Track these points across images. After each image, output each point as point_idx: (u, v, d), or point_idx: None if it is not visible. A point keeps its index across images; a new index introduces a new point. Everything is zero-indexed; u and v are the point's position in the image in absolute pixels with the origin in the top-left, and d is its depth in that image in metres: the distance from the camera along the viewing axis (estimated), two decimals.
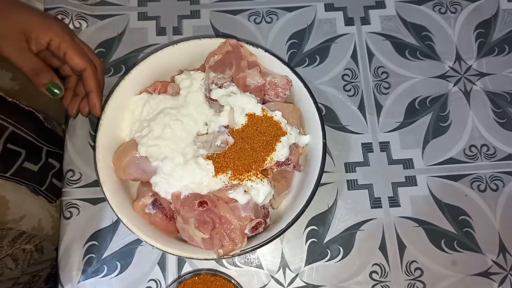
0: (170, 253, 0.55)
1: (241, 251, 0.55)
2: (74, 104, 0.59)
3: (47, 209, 0.73)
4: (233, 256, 0.55)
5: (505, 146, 0.71)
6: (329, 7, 0.78)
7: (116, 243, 0.64)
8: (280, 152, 0.57)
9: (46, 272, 0.77)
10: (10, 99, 0.65)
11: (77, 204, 0.66)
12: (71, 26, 0.73)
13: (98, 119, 0.59)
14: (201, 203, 0.54)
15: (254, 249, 0.55)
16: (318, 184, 0.56)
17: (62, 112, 0.73)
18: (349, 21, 0.77)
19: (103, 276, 0.63)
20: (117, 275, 0.63)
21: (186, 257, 0.56)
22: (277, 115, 0.59)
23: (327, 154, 0.68)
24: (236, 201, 0.55)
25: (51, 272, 0.78)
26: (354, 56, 0.75)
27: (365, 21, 0.78)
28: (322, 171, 0.57)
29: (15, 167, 0.65)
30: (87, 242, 0.64)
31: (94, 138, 0.63)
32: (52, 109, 0.76)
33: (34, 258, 0.73)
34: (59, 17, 0.72)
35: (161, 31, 0.75)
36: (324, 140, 0.58)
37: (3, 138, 0.62)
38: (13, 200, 0.66)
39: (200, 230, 0.54)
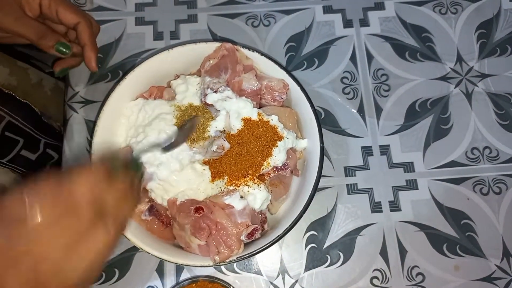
0: (166, 260, 0.54)
1: (237, 257, 0.54)
2: (65, 61, 0.58)
3: None
4: (229, 262, 0.54)
5: (508, 148, 0.70)
6: (327, 10, 0.77)
7: None
8: (277, 157, 0.57)
9: None
10: (6, 91, 0.65)
11: None
12: None
13: (94, 124, 0.58)
14: (197, 209, 0.54)
15: (251, 255, 0.54)
16: (315, 189, 0.56)
17: (60, 113, 0.73)
18: (348, 23, 0.77)
19: (101, 283, 0.63)
20: (115, 282, 0.63)
21: (182, 264, 0.55)
22: (274, 120, 0.58)
23: (326, 158, 0.68)
24: (232, 207, 0.54)
25: None
26: (353, 58, 0.74)
27: (364, 23, 0.77)
28: (319, 175, 0.56)
29: (12, 154, 0.65)
30: None
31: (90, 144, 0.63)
32: (51, 108, 0.75)
33: None
34: None
35: (158, 36, 0.75)
36: (321, 144, 0.57)
37: (1, 126, 0.62)
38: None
39: (196, 237, 0.54)
